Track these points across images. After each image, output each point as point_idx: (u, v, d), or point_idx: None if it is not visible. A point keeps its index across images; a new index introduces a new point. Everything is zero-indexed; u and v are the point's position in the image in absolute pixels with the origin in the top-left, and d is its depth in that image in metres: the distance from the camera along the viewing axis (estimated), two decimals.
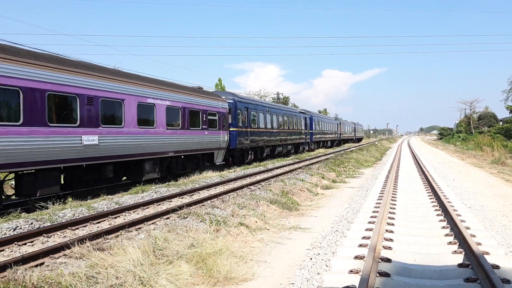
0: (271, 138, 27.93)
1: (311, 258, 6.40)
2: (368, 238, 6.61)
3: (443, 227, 7.69)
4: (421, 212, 9.45)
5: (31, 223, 8.37)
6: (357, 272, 5.06)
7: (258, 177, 17.17)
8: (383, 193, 11.46)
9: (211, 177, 16.53)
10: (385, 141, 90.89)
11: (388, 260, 5.55)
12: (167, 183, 14.76)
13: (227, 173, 18.61)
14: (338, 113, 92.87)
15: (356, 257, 5.68)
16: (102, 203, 10.61)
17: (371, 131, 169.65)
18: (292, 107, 42.70)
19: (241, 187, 13.71)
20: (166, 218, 9.04)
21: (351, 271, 5.16)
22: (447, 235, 7.10)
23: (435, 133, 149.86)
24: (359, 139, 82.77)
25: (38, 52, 11.74)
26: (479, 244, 6.16)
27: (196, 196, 12.38)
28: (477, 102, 77.71)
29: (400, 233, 7.29)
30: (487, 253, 5.78)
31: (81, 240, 6.69)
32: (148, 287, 5.05)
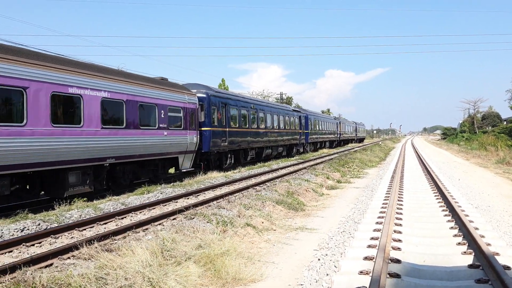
0: (257, 139, 24.67)
1: (319, 259, 6.38)
2: (377, 239, 6.58)
3: (451, 228, 7.65)
4: (428, 212, 9.41)
5: (39, 224, 8.39)
6: (367, 273, 5.04)
7: (263, 178, 17.16)
8: (389, 193, 11.43)
9: (216, 178, 16.57)
10: (389, 141, 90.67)
11: (398, 261, 5.53)
12: (172, 184, 14.77)
13: (232, 174, 18.61)
14: (341, 113, 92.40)
15: (366, 258, 5.66)
16: (108, 204, 10.63)
17: (374, 131, 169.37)
18: (284, 105, 38.99)
19: (247, 188, 13.70)
20: (173, 219, 9.05)
21: (361, 272, 5.13)
22: (456, 236, 7.06)
23: (439, 133, 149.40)
24: (361, 140, 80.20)
25: None
26: (489, 245, 6.12)
27: (202, 197, 12.38)
28: (481, 102, 77.47)
29: (408, 234, 7.27)
30: (497, 254, 5.74)
31: (89, 241, 6.70)
32: None
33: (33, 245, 7.24)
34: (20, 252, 6.88)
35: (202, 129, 18.43)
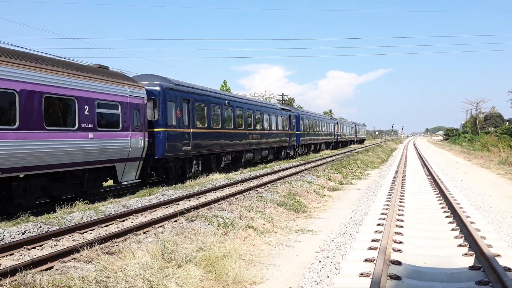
0: (234, 142, 21.00)
1: (320, 261, 6.37)
2: (377, 241, 6.57)
3: (453, 229, 7.63)
4: (430, 214, 9.39)
5: (40, 227, 8.41)
6: (368, 275, 5.03)
7: (265, 179, 17.16)
8: (391, 195, 11.41)
9: (218, 179, 16.59)
10: (391, 142, 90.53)
11: (399, 263, 5.52)
12: (174, 186, 14.79)
13: (234, 175, 18.62)
14: (343, 114, 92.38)
15: (366, 260, 5.65)
16: (110, 206, 10.65)
17: (376, 132, 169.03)
18: (272, 103, 34.69)
19: (248, 189, 13.71)
20: (174, 221, 9.05)
21: (362, 274, 5.13)
22: (457, 237, 7.04)
23: (441, 134, 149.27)
24: (361, 141, 76.62)
25: None
26: (490, 246, 6.10)
27: (203, 199, 12.39)
28: (483, 103, 77.68)
29: (410, 235, 7.25)
30: (498, 255, 5.73)
31: (90, 244, 6.71)
32: None
33: (34, 248, 7.25)
34: (21, 255, 6.89)
35: (155, 130, 14.98)
